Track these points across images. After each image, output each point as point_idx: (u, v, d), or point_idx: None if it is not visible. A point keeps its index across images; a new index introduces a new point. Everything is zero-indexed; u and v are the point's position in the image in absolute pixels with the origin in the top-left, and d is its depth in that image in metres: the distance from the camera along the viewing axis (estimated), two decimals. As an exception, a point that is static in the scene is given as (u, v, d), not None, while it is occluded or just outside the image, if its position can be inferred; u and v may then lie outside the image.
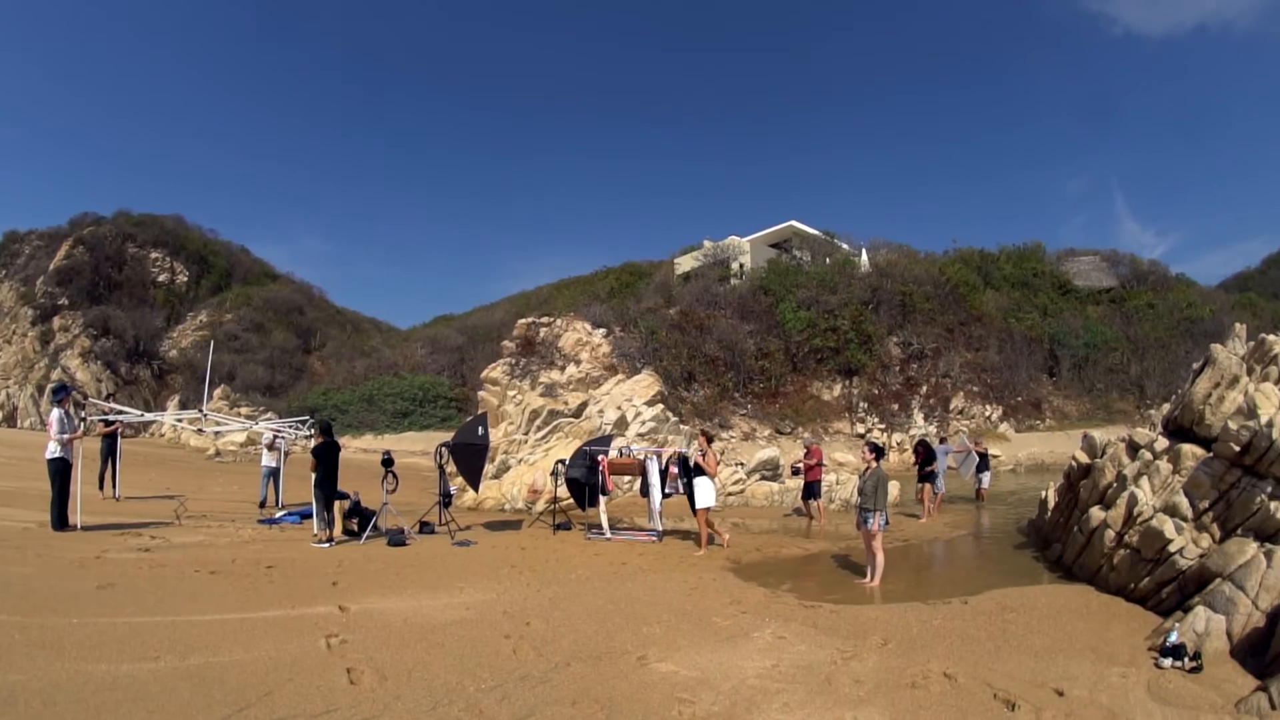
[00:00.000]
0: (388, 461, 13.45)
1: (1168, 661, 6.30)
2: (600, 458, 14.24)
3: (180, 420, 31.02)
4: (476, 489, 16.66)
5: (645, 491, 14.04)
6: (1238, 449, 8.41)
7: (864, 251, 49.68)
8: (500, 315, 59.85)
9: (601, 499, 14.18)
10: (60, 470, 11.16)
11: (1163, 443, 10.05)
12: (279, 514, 14.55)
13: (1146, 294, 49.42)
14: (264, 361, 63.96)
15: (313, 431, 13.85)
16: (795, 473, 18.53)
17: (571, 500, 15.18)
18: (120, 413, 20.36)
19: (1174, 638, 6.54)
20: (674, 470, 13.57)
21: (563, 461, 15.18)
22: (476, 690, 5.35)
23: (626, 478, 16.86)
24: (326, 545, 11.39)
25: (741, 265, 50.24)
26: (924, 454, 16.84)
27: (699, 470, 12.62)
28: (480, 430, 14.87)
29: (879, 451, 10.63)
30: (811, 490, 15.85)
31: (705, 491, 12.49)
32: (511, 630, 6.95)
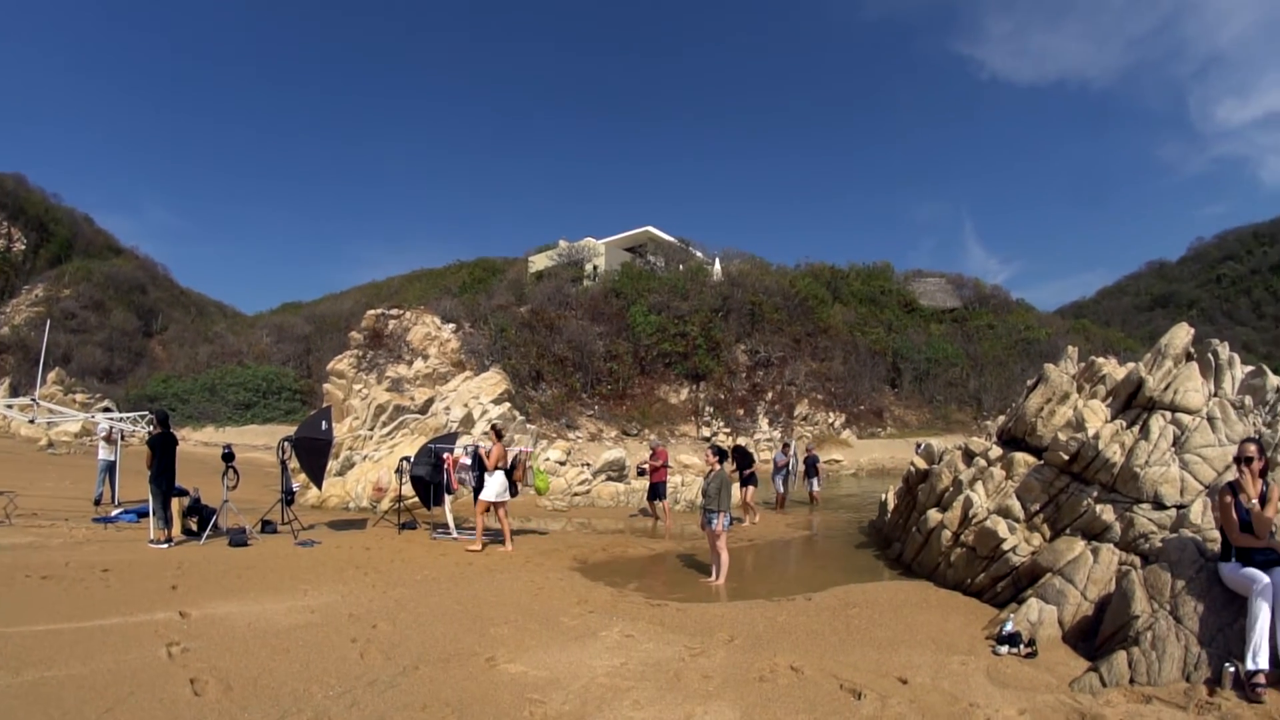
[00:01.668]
0: (229, 456, 13.01)
1: (1004, 649, 6.71)
2: (445, 456, 14.12)
3: (10, 407, 29.69)
4: (320, 486, 16.17)
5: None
6: (1067, 457, 9.27)
7: (717, 260, 51.61)
8: (350, 305, 59.76)
9: (447, 498, 14.09)
10: None
11: (997, 451, 10.90)
12: (115, 512, 14.02)
13: (988, 315, 54.46)
14: (102, 344, 60.84)
15: (150, 423, 13.08)
16: (641, 474, 18.76)
17: (417, 499, 15.10)
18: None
19: (1010, 627, 6.99)
20: (465, 462, 13.78)
21: (408, 459, 15.08)
22: (324, 697, 5.31)
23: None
24: (165, 546, 11.11)
25: (595, 267, 50.94)
26: (740, 460, 17.34)
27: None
28: (324, 425, 14.49)
29: (722, 454, 10.96)
30: (657, 491, 16.07)
31: (489, 485, 12.54)
32: (358, 633, 6.92)
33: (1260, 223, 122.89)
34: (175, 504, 11.92)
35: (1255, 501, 5.91)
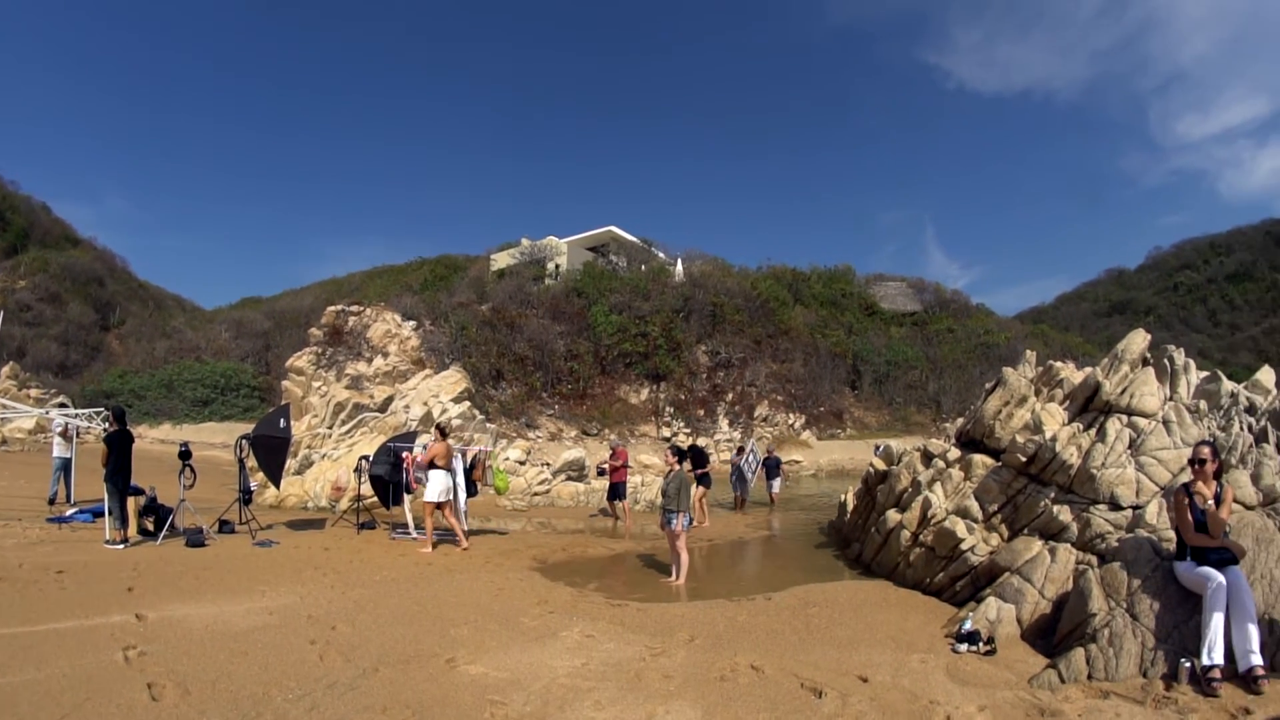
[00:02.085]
0: (185, 454, 12.89)
1: (964, 647, 6.79)
2: (405, 455, 14.03)
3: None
4: (278, 485, 16.04)
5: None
6: (1024, 459, 9.43)
7: (679, 261, 51.88)
8: (310, 300, 59.56)
9: (406, 497, 14.03)
10: None
11: (955, 453, 11.05)
12: (70, 511, 13.86)
13: (948, 319, 55.42)
14: (58, 337, 60.08)
15: (106, 420, 12.90)
16: (601, 474, 18.70)
17: (376, 498, 15.01)
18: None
19: (969, 625, 7.07)
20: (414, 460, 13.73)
21: (366, 458, 15.03)
22: (284, 700, 5.27)
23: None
24: (121, 546, 10.99)
25: (557, 266, 51.01)
26: (694, 460, 17.35)
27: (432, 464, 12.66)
28: (282, 422, 14.40)
29: (681, 455, 11.00)
30: (617, 491, 16.02)
31: (430, 485, 12.49)
32: (317, 635, 6.87)
33: (1217, 234, 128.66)
34: (131, 503, 11.78)
35: (1210, 502, 6.05)
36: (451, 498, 12.77)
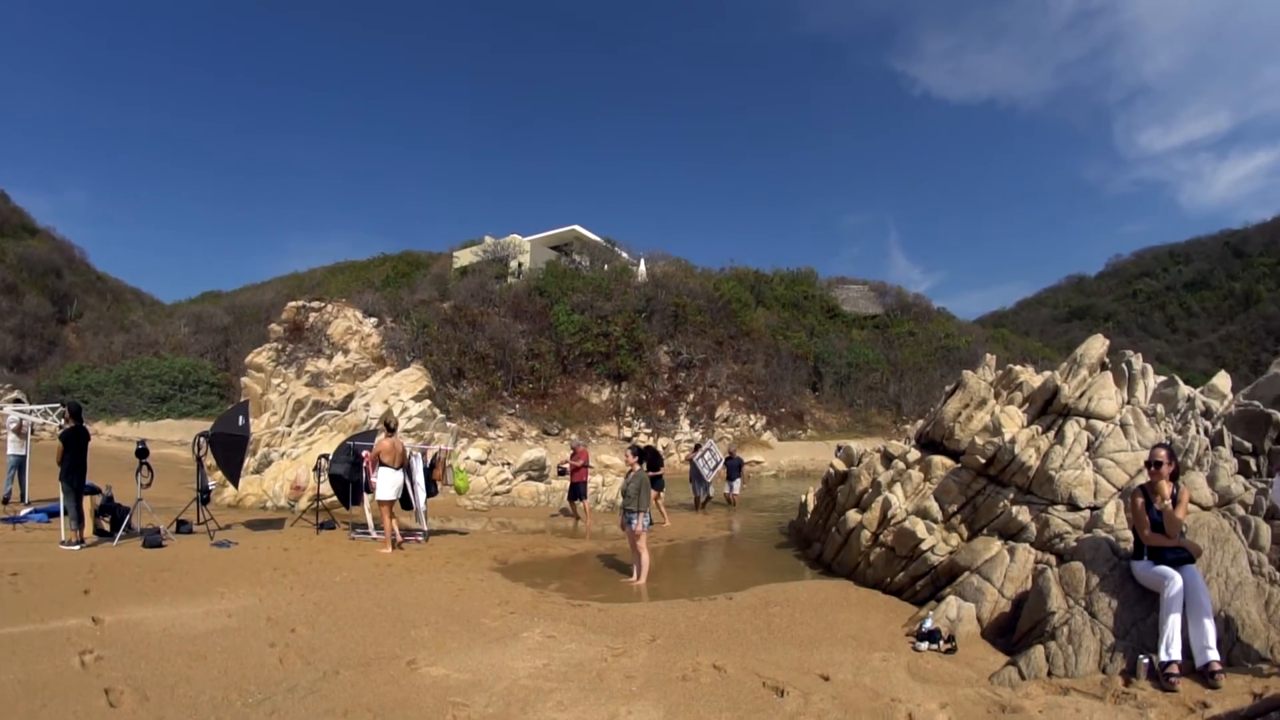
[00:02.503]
0: (142, 452, 12.49)
1: (924, 645, 6.86)
2: (364, 453, 13.79)
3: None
4: (236, 484, 15.65)
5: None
6: (984, 461, 9.56)
7: (642, 262, 51.86)
8: (270, 295, 58.06)
9: (366, 497, 13.84)
10: None
11: (915, 454, 11.17)
12: (24, 511, 13.47)
13: (909, 323, 56.16)
14: (13, 330, 57.73)
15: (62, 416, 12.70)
16: (562, 473, 18.63)
17: (335, 498, 14.78)
18: None
19: (929, 624, 7.15)
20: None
21: (326, 456, 14.78)
22: (244, 705, 5.21)
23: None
24: (77, 547, 10.76)
25: (520, 264, 50.73)
26: (650, 460, 17.39)
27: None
28: (241, 420, 14.09)
29: (642, 455, 11.03)
30: (578, 491, 15.96)
31: (381, 483, 12.44)
32: (277, 638, 6.78)
33: (1176, 243, 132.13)
34: (87, 502, 11.52)
35: (1167, 503, 6.17)
36: (395, 498, 12.71)
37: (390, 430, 12.99)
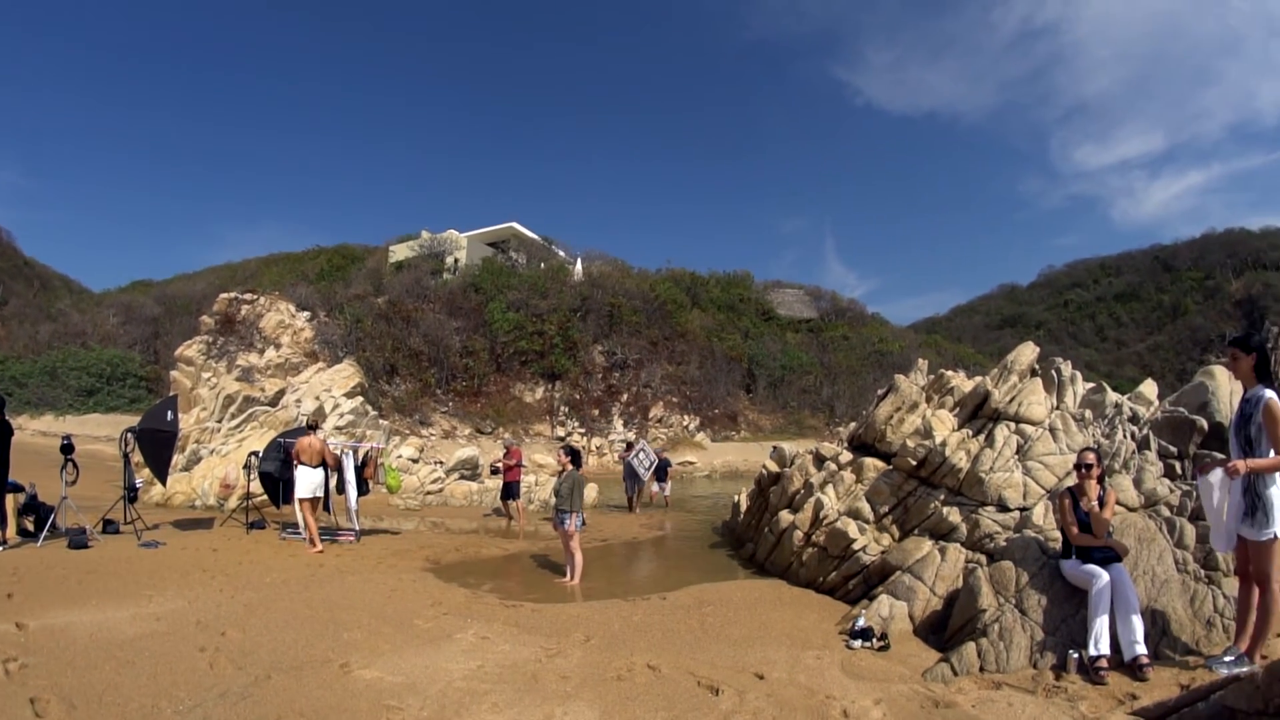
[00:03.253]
0: (68, 448, 12.03)
1: (858, 643, 6.93)
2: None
3: None
4: (164, 482, 15.21)
5: (341, 488, 13.72)
6: (915, 463, 9.77)
7: (579, 261, 51.90)
8: (202, 286, 56.92)
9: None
10: None
11: (847, 456, 11.36)
12: None
13: (843, 327, 57.33)
14: None
15: None
16: (495, 473, 18.53)
17: (266, 497, 14.51)
18: None
19: (862, 622, 7.23)
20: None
21: (257, 454, 14.50)
22: (174, 713, 5.07)
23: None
24: None
25: (456, 260, 50.29)
26: (572, 459, 17.45)
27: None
28: (169, 415, 13.60)
29: (575, 455, 11.02)
30: (511, 490, 15.88)
31: (299, 481, 12.36)
32: (207, 642, 6.60)
33: (1107, 255, 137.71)
34: (10, 501, 11.17)
35: (1094, 504, 6.35)
36: (321, 495, 12.58)
37: (312, 429, 12.74)
